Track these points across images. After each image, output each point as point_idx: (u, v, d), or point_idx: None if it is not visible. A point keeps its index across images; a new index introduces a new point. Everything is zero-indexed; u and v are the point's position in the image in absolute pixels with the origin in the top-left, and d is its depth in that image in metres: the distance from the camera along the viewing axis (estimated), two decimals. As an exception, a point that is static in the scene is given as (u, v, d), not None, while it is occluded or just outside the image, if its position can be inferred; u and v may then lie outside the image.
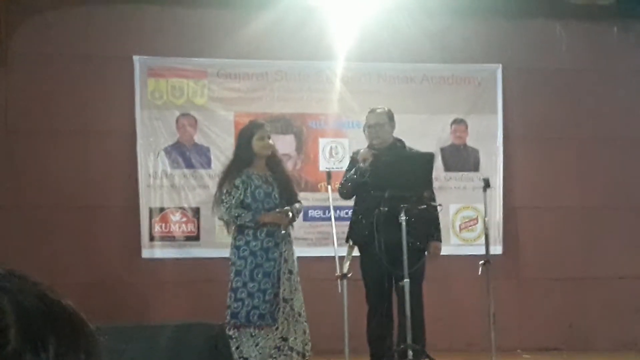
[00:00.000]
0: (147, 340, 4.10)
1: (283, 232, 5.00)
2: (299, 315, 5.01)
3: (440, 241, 5.48)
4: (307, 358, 5.01)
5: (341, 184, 5.33)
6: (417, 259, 5.06)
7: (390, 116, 5.43)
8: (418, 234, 5.07)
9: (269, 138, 5.19)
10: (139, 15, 6.90)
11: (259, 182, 5.09)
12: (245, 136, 5.20)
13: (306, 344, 5.01)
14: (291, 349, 4.94)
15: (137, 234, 6.68)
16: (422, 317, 5.16)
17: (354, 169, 5.26)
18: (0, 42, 6.53)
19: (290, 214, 5.05)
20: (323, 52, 6.95)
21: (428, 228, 5.28)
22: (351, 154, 5.73)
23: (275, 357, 4.90)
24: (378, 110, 5.45)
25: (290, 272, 5.04)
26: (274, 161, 5.23)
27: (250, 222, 4.98)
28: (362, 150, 5.36)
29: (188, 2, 6.91)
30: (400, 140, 5.49)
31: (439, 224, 5.47)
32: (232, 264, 5.01)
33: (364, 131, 5.50)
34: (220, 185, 5.19)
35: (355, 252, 5.25)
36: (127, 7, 6.87)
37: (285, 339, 4.94)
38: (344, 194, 5.35)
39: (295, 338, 4.97)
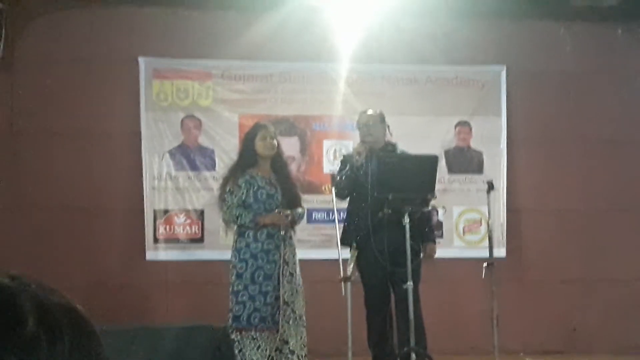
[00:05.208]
0: (151, 343, 4.11)
1: (282, 232, 4.99)
2: (300, 318, 5.00)
3: (435, 242, 5.49)
4: None
5: (336, 182, 5.25)
6: (414, 259, 5.05)
7: (382, 118, 5.43)
8: (414, 235, 5.06)
9: (272, 139, 5.17)
10: (144, 17, 6.91)
11: (262, 184, 5.09)
12: (249, 137, 5.22)
13: (302, 349, 5.00)
14: (292, 352, 4.93)
15: (142, 236, 6.70)
16: (422, 319, 5.16)
17: (348, 166, 5.25)
18: (5, 44, 6.55)
19: (290, 217, 5.03)
20: (327, 54, 6.96)
21: (423, 229, 5.29)
22: (341, 157, 5.71)
23: (275, 360, 4.90)
24: (369, 112, 5.48)
25: (292, 274, 5.02)
26: (278, 164, 5.22)
27: (250, 223, 4.98)
28: (356, 145, 5.36)
29: (193, 4, 6.93)
30: (392, 144, 5.49)
31: (432, 224, 5.48)
32: (233, 267, 5.01)
33: (359, 128, 5.48)
34: (223, 185, 5.20)
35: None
36: (132, 9, 6.89)
37: (286, 342, 4.94)
38: (339, 192, 5.27)
39: (297, 341, 4.96)
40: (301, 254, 5.35)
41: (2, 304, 0.75)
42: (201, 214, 6.77)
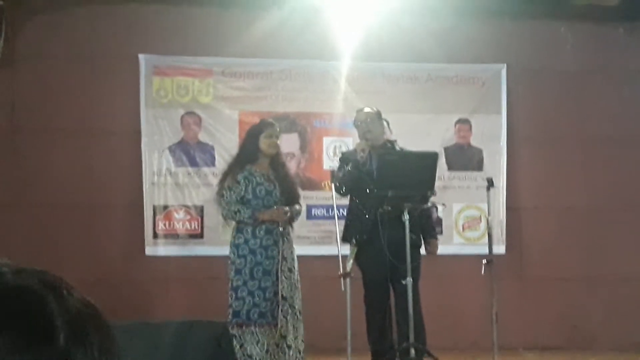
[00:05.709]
0: (150, 338, 4.12)
1: (281, 229, 5.01)
2: (299, 313, 5.02)
3: (437, 238, 5.50)
4: (302, 358, 5.01)
5: (338, 179, 5.25)
6: (415, 256, 5.06)
7: (379, 115, 5.44)
8: (415, 231, 5.07)
9: (277, 138, 5.18)
10: (145, 14, 6.92)
11: (261, 180, 5.09)
12: (254, 133, 5.20)
13: (301, 344, 5.01)
14: (289, 346, 4.94)
15: (141, 231, 6.71)
16: (422, 315, 5.18)
17: (351, 163, 5.25)
18: (6, 42, 6.55)
19: (289, 214, 5.05)
20: (328, 52, 6.96)
21: (424, 225, 5.30)
22: (340, 155, 5.73)
23: (273, 355, 4.92)
24: (366, 110, 5.49)
25: (290, 270, 5.03)
26: (277, 162, 5.22)
27: (248, 219, 4.98)
28: (357, 143, 5.37)
29: (194, 1, 6.94)
30: (391, 141, 5.50)
31: (433, 221, 5.48)
32: (232, 263, 5.01)
33: (357, 126, 5.48)
34: (222, 180, 5.20)
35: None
36: (133, 6, 6.89)
37: (283, 337, 4.95)
38: (341, 188, 5.27)
39: (296, 337, 4.98)
40: (301, 250, 5.36)
41: (33, 315, 0.72)
42: (201, 210, 6.79)
